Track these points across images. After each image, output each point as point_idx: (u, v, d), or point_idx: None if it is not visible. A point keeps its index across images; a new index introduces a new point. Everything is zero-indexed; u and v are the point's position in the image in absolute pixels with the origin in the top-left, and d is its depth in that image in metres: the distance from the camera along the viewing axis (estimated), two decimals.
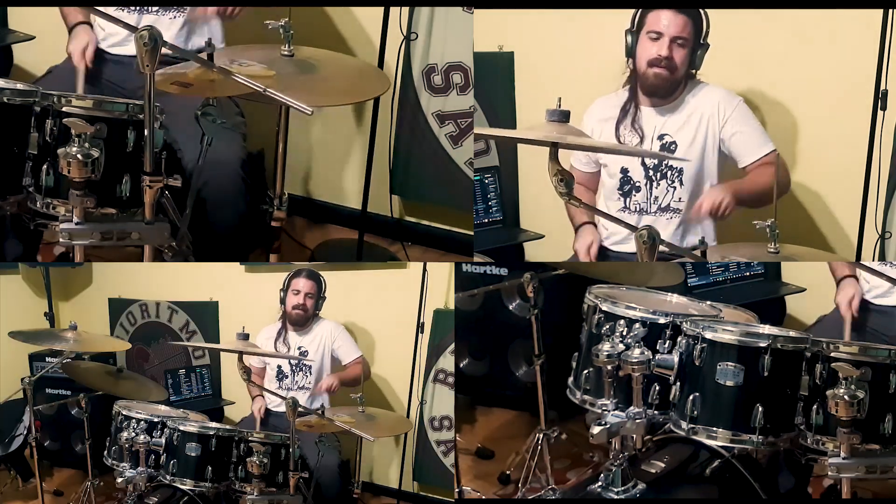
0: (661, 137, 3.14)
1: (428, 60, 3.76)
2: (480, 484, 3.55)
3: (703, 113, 3.11)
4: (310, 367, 3.96)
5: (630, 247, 3.18)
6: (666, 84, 3.09)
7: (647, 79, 3.09)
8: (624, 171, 3.18)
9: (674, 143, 3.12)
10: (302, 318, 3.98)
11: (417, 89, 3.79)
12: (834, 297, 3.16)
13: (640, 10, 3.07)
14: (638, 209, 3.17)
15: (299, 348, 3.99)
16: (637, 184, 3.17)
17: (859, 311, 3.11)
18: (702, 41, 3.07)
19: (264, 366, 4.03)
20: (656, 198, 3.15)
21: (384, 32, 3.57)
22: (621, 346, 2.48)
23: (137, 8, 3.16)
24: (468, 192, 3.77)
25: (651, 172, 3.15)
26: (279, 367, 4.00)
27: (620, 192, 3.19)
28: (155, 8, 3.17)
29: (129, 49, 3.13)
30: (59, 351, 3.75)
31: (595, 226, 3.26)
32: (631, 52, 3.12)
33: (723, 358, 2.46)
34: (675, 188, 3.14)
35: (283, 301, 4.01)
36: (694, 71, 3.12)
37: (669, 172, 3.13)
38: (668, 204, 3.14)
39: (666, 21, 3.03)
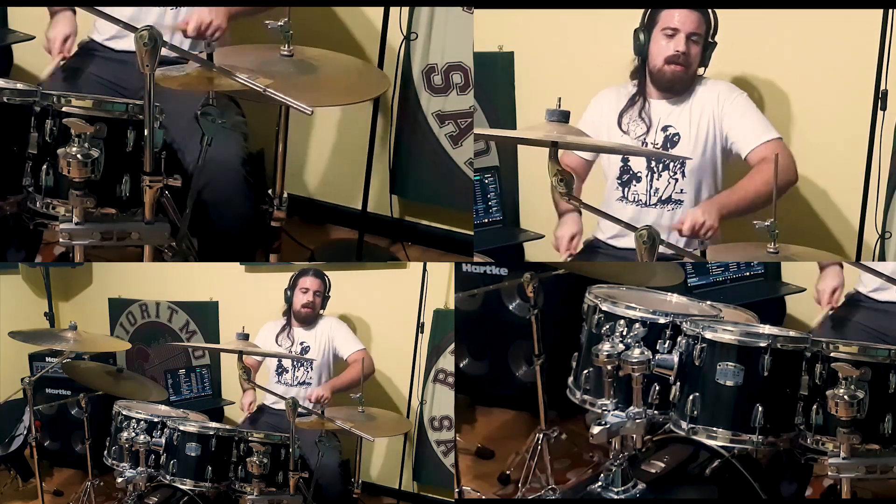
0: (665, 129, 3.14)
1: (428, 60, 3.76)
2: (480, 484, 3.54)
3: (704, 105, 3.11)
4: (311, 361, 3.95)
5: (625, 242, 3.19)
6: (682, 79, 3.10)
7: (663, 75, 3.10)
8: (625, 160, 3.17)
9: (677, 134, 3.12)
10: (310, 316, 3.99)
11: (417, 89, 3.79)
12: (815, 283, 3.18)
13: (651, 9, 3.09)
14: (636, 200, 3.15)
15: (302, 343, 3.99)
16: (638, 174, 3.15)
17: (858, 310, 3.11)
18: (710, 39, 3.09)
19: (262, 360, 4.02)
20: (657, 189, 3.14)
21: (384, 32, 3.57)
22: (621, 346, 2.48)
23: None
24: (468, 192, 3.76)
25: (653, 163, 3.14)
26: (279, 360, 3.99)
27: (619, 182, 3.18)
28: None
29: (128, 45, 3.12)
30: (59, 351, 3.74)
31: (580, 214, 3.20)
32: (642, 51, 3.12)
33: (723, 358, 2.46)
34: (676, 180, 3.12)
35: (289, 299, 4.01)
36: (703, 69, 3.13)
37: (672, 164, 3.12)
38: (670, 196, 3.13)
39: (681, 18, 3.05)
